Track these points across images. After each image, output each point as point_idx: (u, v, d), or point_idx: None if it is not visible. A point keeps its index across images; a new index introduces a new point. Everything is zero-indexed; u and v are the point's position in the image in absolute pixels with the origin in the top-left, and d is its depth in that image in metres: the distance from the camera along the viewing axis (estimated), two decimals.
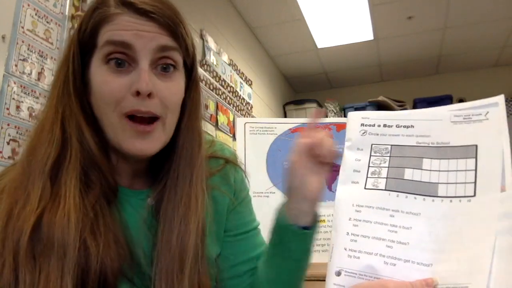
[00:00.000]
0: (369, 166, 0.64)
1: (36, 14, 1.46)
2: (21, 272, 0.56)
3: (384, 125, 0.67)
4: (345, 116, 4.04)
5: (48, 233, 0.58)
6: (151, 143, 0.64)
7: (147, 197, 0.69)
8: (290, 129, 1.43)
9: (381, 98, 3.94)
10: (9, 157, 1.31)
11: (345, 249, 0.59)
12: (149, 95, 0.62)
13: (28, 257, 0.57)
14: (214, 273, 0.72)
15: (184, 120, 0.71)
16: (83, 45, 0.66)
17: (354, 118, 0.69)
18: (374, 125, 0.67)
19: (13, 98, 1.34)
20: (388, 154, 0.64)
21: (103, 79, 0.63)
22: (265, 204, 1.33)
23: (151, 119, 0.64)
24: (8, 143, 1.31)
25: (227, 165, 0.79)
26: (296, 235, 0.68)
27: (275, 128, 1.43)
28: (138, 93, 0.62)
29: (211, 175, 0.76)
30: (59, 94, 0.66)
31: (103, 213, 0.63)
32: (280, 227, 0.70)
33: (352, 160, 0.66)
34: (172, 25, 0.65)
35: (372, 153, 0.65)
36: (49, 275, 0.56)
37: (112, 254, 0.60)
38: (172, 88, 0.67)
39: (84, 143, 0.64)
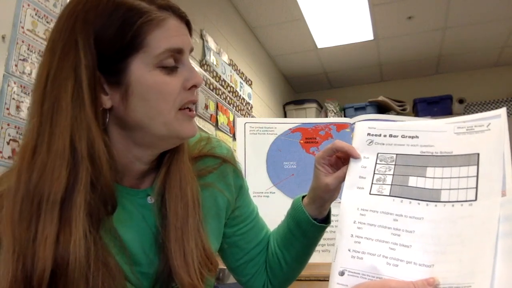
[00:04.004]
0: (374, 173, 0.66)
1: (36, 14, 1.46)
2: None
3: (390, 135, 0.69)
4: (345, 116, 4.05)
5: (62, 266, 0.57)
6: (195, 125, 0.71)
7: (147, 195, 0.72)
8: (290, 129, 1.43)
9: (381, 98, 3.95)
10: (9, 157, 1.31)
11: (349, 250, 0.60)
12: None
13: None
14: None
15: None
16: (105, 44, 0.63)
17: (361, 128, 0.72)
18: (380, 135, 0.70)
19: (13, 98, 1.34)
20: (393, 163, 0.66)
21: (162, 81, 0.65)
22: (265, 204, 1.33)
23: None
24: (8, 143, 1.31)
25: (224, 163, 0.81)
26: (317, 228, 0.82)
27: (275, 128, 1.43)
28: (195, 87, 0.69)
29: (208, 173, 0.79)
30: (63, 104, 0.61)
31: (106, 236, 0.63)
32: (303, 222, 0.81)
33: (358, 167, 0.68)
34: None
35: (378, 161, 0.67)
36: None
37: (114, 280, 0.61)
38: None
39: (95, 158, 0.61)
